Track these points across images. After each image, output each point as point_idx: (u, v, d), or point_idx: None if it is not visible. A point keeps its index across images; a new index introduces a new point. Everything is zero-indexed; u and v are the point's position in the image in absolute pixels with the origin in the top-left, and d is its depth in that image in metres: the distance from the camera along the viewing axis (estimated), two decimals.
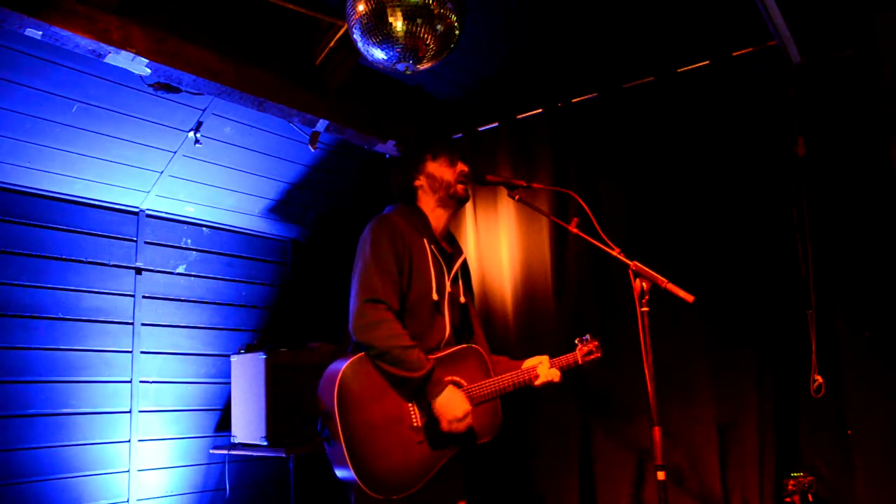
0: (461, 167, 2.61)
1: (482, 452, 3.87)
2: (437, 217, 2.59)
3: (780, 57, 3.13)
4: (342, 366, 2.28)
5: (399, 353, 2.27)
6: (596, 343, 2.71)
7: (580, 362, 2.68)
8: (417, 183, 2.59)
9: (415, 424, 2.33)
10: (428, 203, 2.59)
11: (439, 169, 2.58)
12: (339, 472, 2.28)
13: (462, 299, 2.62)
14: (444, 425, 2.32)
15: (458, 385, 2.46)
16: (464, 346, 2.55)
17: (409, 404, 2.34)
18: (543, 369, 2.58)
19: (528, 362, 2.62)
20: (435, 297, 2.46)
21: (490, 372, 2.55)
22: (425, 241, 2.51)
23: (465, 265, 2.69)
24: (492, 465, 3.85)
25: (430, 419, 2.35)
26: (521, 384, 2.55)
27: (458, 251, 2.67)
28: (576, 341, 2.72)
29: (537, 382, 2.58)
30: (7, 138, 3.30)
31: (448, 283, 2.54)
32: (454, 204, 2.61)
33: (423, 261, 2.47)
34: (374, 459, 2.23)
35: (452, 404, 2.32)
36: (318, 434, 2.33)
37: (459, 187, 2.58)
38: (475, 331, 2.68)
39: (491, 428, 2.52)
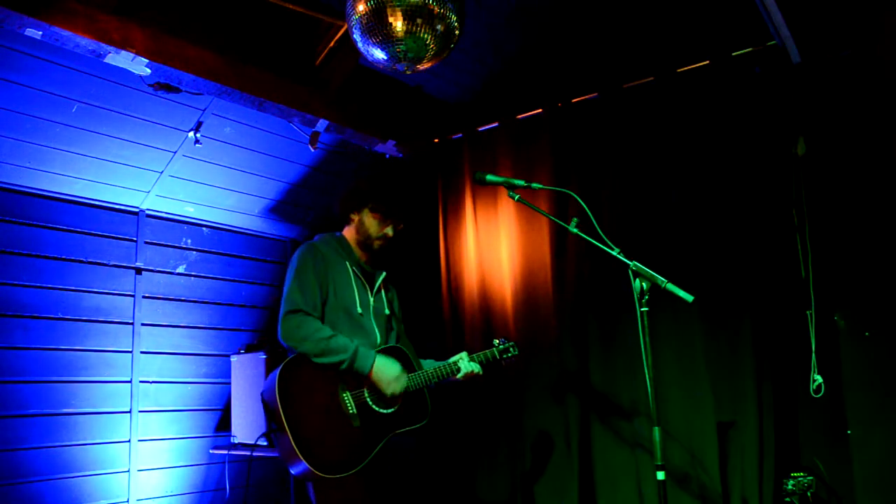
0: (386, 230, 2.83)
1: (482, 451, 3.87)
2: (357, 250, 2.87)
3: (780, 57, 3.13)
4: (279, 369, 2.54)
5: (324, 343, 2.55)
6: (512, 343, 3.05)
7: (498, 357, 3.01)
8: (353, 217, 2.87)
9: (350, 412, 2.57)
10: (352, 236, 2.88)
11: (369, 220, 2.82)
12: (293, 469, 2.48)
13: (386, 311, 2.88)
14: (384, 388, 2.62)
15: None
16: (388, 346, 2.82)
17: (343, 394, 2.58)
18: (464, 363, 2.90)
19: (452, 358, 2.93)
20: (358, 308, 2.74)
21: (414, 367, 2.83)
22: (347, 263, 2.80)
23: (387, 281, 2.94)
24: (491, 464, 3.85)
25: (362, 404, 2.60)
26: (445, 376, 2.86)
27: (381, 272, 2.93)
28: (494, 341, 3.05)
29: (459, 375, 2.88)
30: (7, 138, 3.30)
31: (370, 297, 2.82)
32: (367, 251, 2.86)
33: (345, 280, 2.76)
34: (318, 443, 2.46)
35: (386, 368, 2.63)
36: (267, 430, 2.56)
37: (376, 243, 2.83)
38: (401, 338, 2.95)
39: (420, 415, 2.76)
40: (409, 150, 4.18)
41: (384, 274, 2.93)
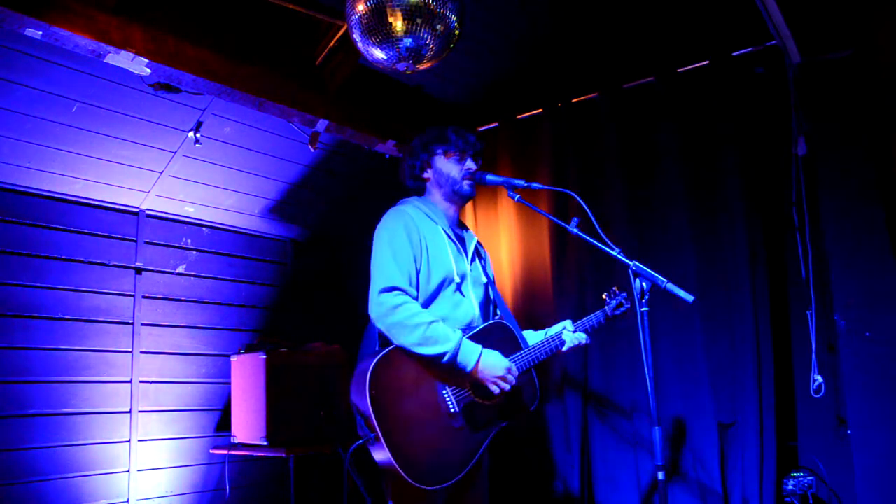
0: (467, 164, 2.62)
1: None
2: (446, 208, 2.63)
3: (780, 57, 3.13)
4: (370, 365, 2.25)
5: (423, 330, 2.28)
6: (625, 295, 2.71)
7: (609, 318, 2.70)
8: (426, 176, 2.62)
9: (452, 411, 2.33)
10: (436, 195, 2.63)
11: (447, 165, 2.60)
12: (379, 456, 2.26)
13: (483, 279, 2.65)
14: (491, 386, 2.35)
15: None
16: (491, 322, 2.56)
17: (444, 391, 2.34)
18: (568, 335, 2.62)
19: (552, 330, 2.66)
20: (456, 278, 2.50)
21: (520, 345, 2.55)
22: (440, 227, 2.56)
23: (480, 246, 2.73)
24: (491, 464, 3.85)
25: (466, 401, 2.35)
26: (552, 352, 2.57)
27: (471, 235, 2.71)
28: (603, 296, 2.73)
29: (564, 348, 2.60)
30: (7, 138, 3.30)
31: (467, 265, 2.58)
32: (459, 200, 2.64)
33: (440, 245, 2.51)
34: (418, 453, 2.23)
35: (492, 363, 2.35)
36: (360, 436, 2.30)
37: (466, 185, 2.60)
38: (500, 308, 2.69)
39: (530, 400, 2.54)
40: None
41: (476, 238, 2.71)
